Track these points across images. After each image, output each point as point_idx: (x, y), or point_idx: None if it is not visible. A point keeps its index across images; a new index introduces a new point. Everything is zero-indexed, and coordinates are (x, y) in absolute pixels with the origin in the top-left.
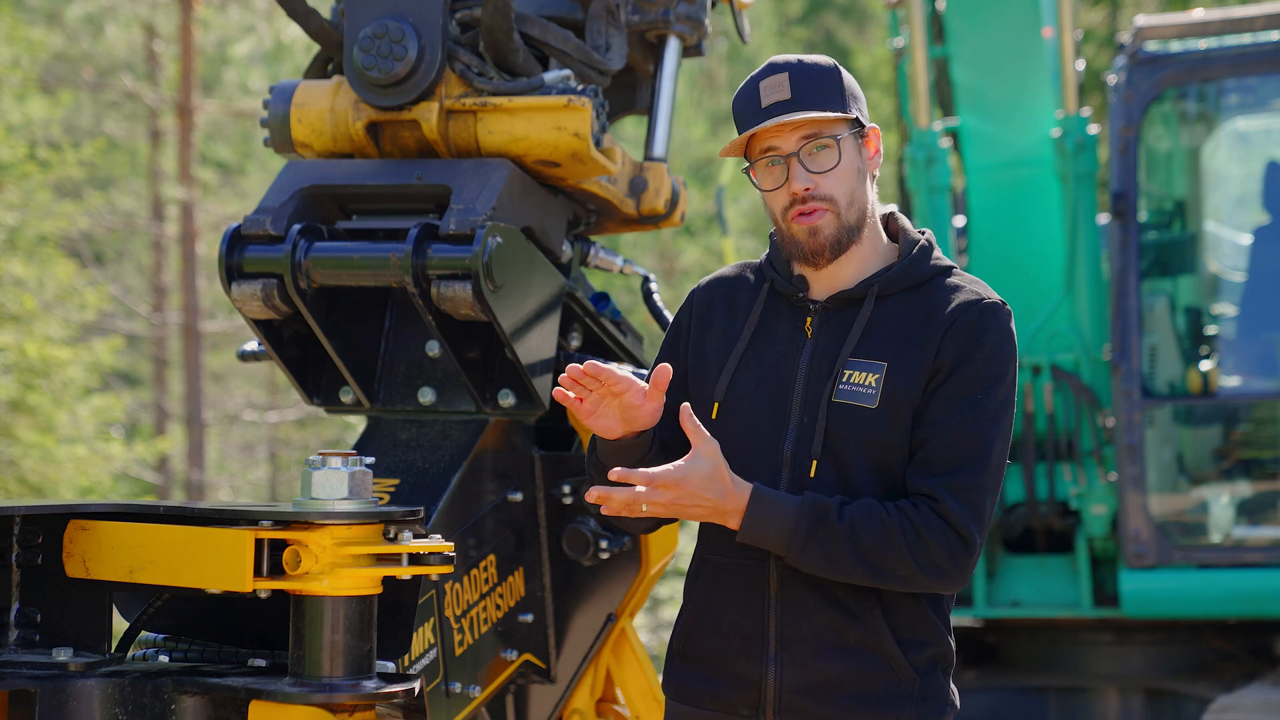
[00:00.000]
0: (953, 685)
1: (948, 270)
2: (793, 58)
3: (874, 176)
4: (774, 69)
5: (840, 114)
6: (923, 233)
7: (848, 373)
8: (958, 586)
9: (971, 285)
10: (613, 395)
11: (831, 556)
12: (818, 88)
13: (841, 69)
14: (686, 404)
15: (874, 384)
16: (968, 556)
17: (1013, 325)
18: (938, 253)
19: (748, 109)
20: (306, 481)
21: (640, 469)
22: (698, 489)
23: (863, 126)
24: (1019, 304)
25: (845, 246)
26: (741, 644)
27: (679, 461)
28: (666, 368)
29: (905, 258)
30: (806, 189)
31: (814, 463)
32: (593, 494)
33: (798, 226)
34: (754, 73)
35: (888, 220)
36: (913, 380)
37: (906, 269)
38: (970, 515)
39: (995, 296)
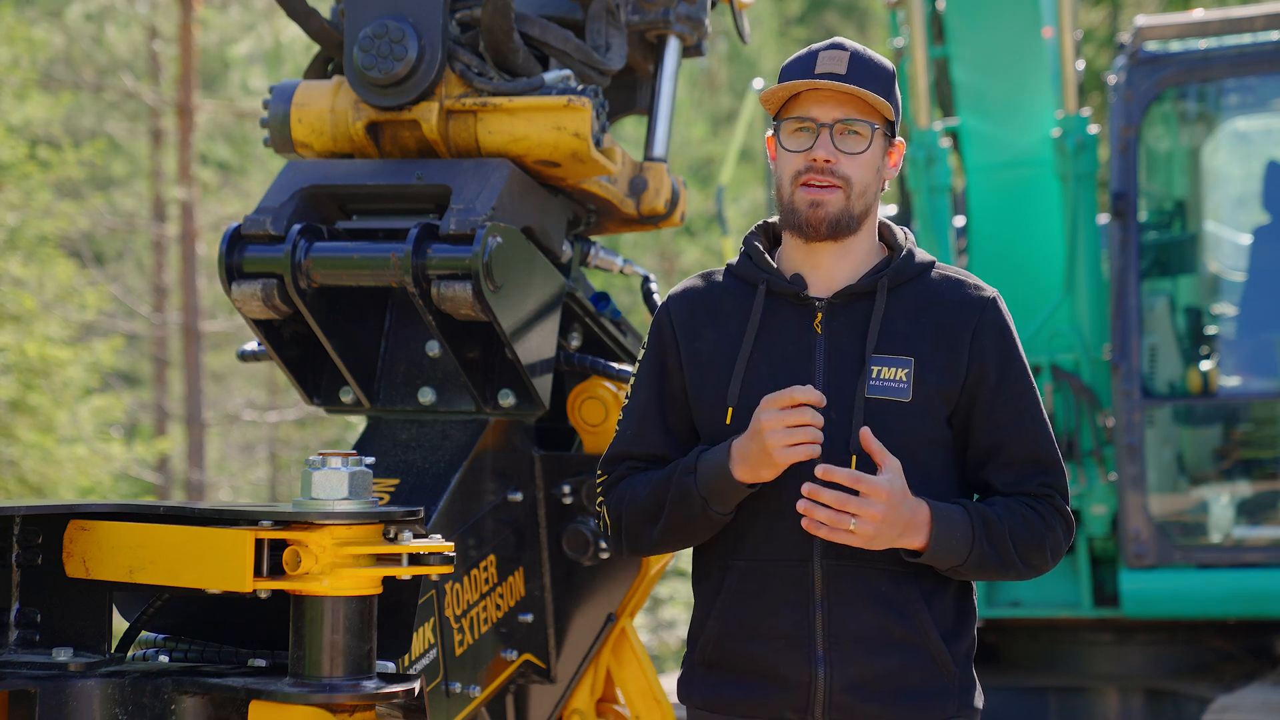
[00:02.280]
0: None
1: (932, 264)
2: (859, 45)
3: (884, 186)
4: (838, 46)
5: (885, 106)
6: (903, 230)
7: (876, 368)
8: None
9: (966, 278)
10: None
11: (1001, 558)
12: (873, 77)
13: (896, 78)
14: (867, 429)
15: (905, 378)
16: (1071, 537)
17: None
18: (919, 250)
19: (798, 70)
20: (306, 481)
21: (849, 470)
22: (899, 499)
23: (893, 134)
24: (1019, 304)
25: (840, 231)
26: (785, 646)
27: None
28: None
29: (900, 252)
30: (828, 160)
31: (853, 457)
32: (802, 505)
33: (802, 195)
34: (815, 44)
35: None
36: (944, 377)
37: (906, 261)
38: (1067, 500)
39: (990, 288)
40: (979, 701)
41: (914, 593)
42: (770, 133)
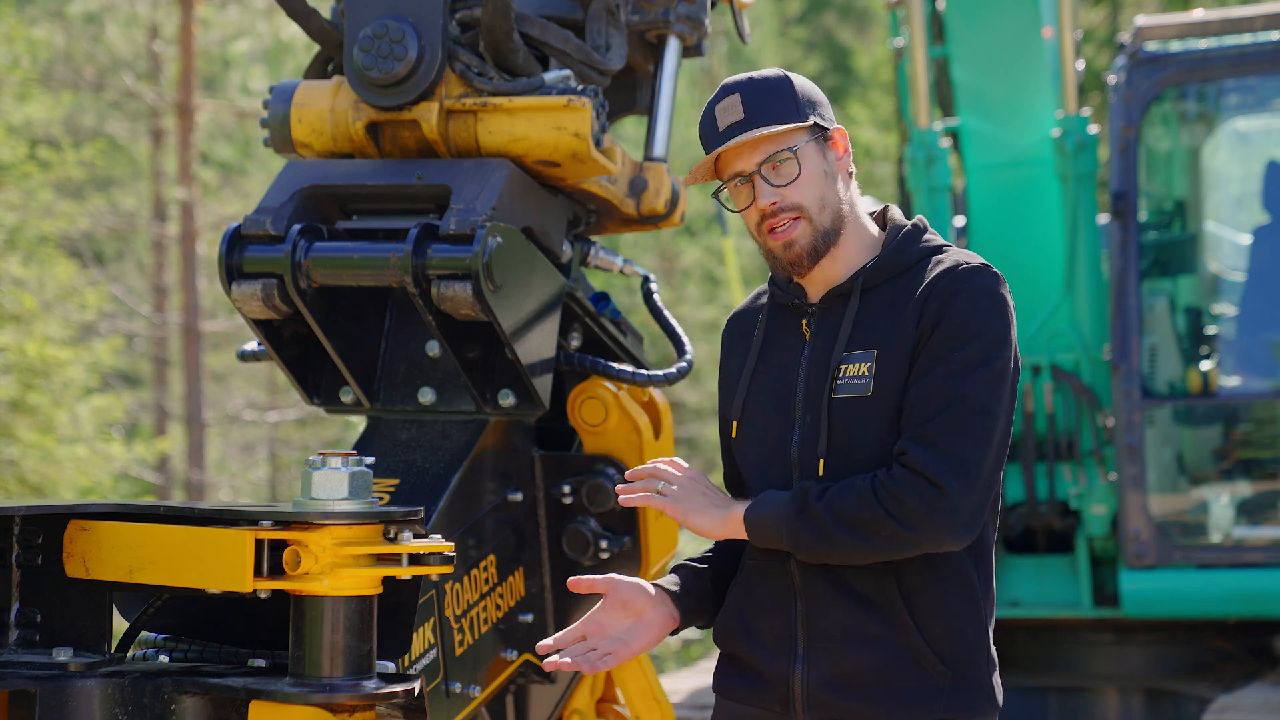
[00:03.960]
0: (997, 681)
1: (938, 249)
2: (743, 77)
3: (849, 175)
4: (726, 91)
5: (793, 124)
6: (915, 221)
7: (843, 367)
8: (948, 539)
9: (958, 256)
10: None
11: (822, 534)
12: (769, 103)
13: (793, 78)
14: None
15: (866, 372)
16: (942, 500)
17: (1000, 288)
18: (930, 234)
19: (708, 134)
20: (306, 481)
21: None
22: (702, 480)
23: (824, 130)
24: (1019, 304)
25: (823, 252)
26: (772, 643)
27: None
28: (597, 581)
29: (889, 245)
30: (773, 203)
31: (820, 460)
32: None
33: (773, 242)
34: (711, 97)
35: (882, 215)
36: (903, 363)
37: (890, 255)
38: (937, 460)
39: (979, 261)
40: (983, 708)
41: (890, 590)
42: (716, 192)
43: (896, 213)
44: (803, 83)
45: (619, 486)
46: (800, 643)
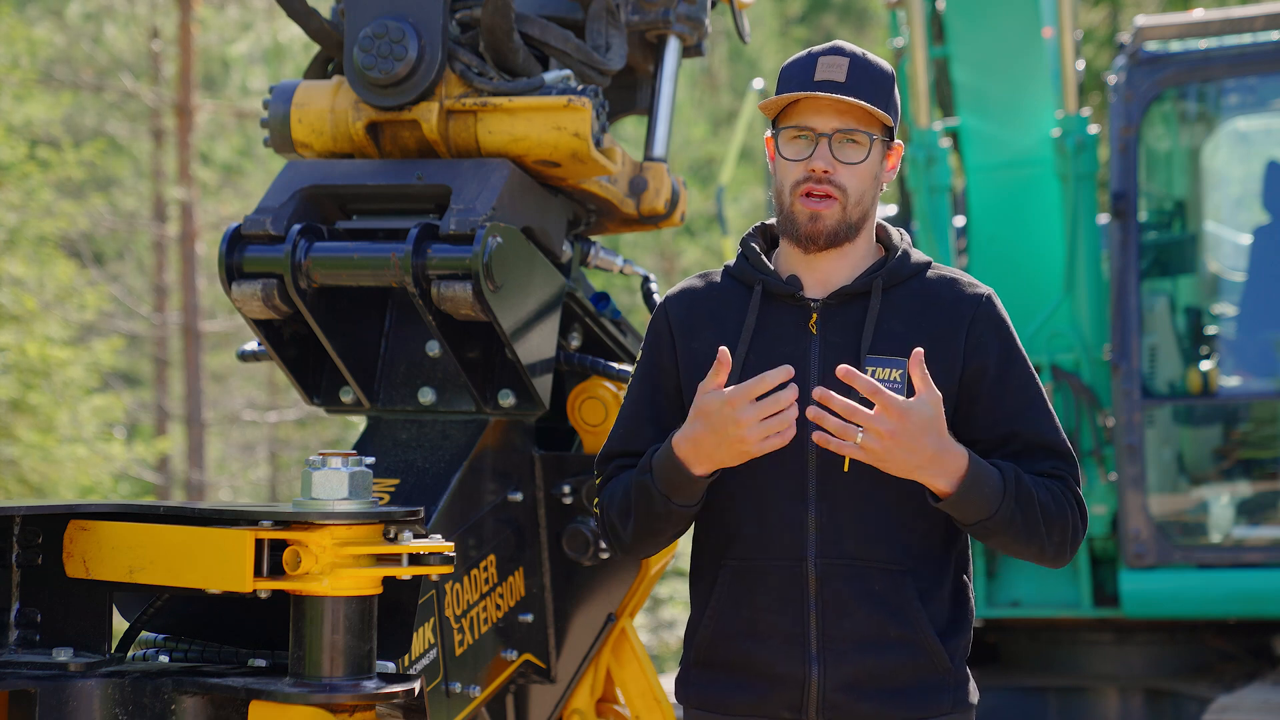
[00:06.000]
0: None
1: (928, 264)
2: (857, 49)
3: (882, 189)
4: (837, 51)
5: (884, 115)
6: (899, 231)
7: (871, 369)
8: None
9: (960, 277)
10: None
11: (1026, 519)
12: (873, 84)
13: (896, 81)
14: (919, 350)
15: (899, 379)
16: (1086, 526)
17: None
18: (915, 250)
19: (798, 77)
20: (306, 481)
21: (869, 379)
22: (920, 428)
23: (892, 139)
24: (1019, 304)
25: (839, 240)
26: (781, 645)
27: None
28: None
29: (895, 252)
30: (826, 171)
31: (847, 456)
32: (812, 412)
33: (801, 207)
34: (814, 47)
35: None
36: (938, 378)
37: (901, 261)
38: (1083, 499)
39: (985, 285)
40: (974, 697)
41: (909, 591)
42: (769, 134)
43: (883, 222)
44: (896, 90)
45: (811, 413)
46: (814, 644)
